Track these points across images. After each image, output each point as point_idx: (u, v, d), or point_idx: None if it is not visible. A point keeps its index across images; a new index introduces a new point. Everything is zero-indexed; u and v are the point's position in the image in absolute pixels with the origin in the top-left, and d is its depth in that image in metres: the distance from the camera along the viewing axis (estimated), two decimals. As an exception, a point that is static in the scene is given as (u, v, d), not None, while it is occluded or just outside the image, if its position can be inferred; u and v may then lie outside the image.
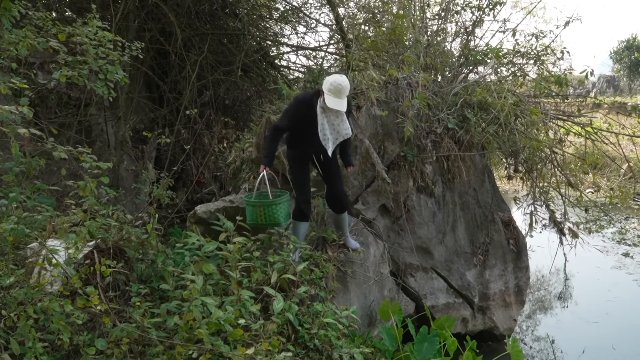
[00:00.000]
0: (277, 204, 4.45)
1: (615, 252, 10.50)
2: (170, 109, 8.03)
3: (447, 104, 5.95)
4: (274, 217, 4.43)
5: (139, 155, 7.63)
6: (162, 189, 4.51)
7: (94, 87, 3.74)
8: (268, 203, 4.43)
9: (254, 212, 4.46)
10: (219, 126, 7.72)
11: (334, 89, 4.32)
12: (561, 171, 6.99)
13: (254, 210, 4.45)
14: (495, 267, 6.33)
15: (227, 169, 6.70)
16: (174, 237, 4.93)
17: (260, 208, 4.41)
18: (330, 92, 4.33)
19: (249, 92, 9.00)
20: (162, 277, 3.94)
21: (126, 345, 3.15)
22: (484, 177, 6.55)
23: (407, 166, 5.69)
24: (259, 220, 4.46)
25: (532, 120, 6.10)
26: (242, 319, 3.47)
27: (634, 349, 6.34)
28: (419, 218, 5.80)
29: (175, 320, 3.29)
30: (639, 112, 7.54)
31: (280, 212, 4.46)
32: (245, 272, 4.14)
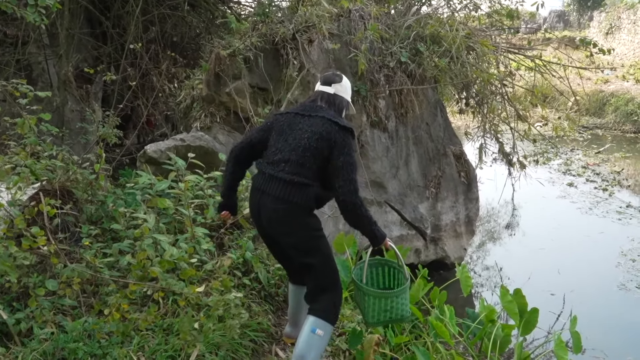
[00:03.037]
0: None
1: (560, 183, 10.96)
2: (115, 46, 7.65)
3: (400, 38, 5.88)
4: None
5: (84, 95, 7.30)
6: (109, 127, 4.35)
7: (24, 15, 3.48)
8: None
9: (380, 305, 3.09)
10: (166, 63, 7.42)
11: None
12: (511, 104, 7.12)
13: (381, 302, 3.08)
14: (447, 199, 6.50)
15: (177, 107, 6.52)
16: (124, 178, 4.81)
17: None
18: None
19: (198, 29, 8.65)
20: (113, 218, 3.88)
21: (78, 285, 3.11)
22: (436, 112, 6.60)
23: (360, 101, 5.66)
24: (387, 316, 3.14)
25: (483, 52, 6.13)
26: (196, 256, 3.47)
27: (577, 272, 6.74)
28: (373, 153, 5.84)
29: (127, 259, 3.27)
30: (586, 45, 7.67)
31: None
32: (199, 209, 4.11)
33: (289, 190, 2.77)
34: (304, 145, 2.80)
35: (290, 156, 2.82)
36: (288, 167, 2.80)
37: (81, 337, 2.86)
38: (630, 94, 17.07)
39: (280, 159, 2.84)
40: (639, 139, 15.38)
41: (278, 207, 2.79)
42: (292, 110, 3.05)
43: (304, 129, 2.85)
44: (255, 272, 3.68)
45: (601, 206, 9.43)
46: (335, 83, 3.10)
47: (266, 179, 2.83)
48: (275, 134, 2.96)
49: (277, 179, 2.78)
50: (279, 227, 2.85)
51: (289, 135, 2.89)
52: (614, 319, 5.74)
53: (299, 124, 2.90)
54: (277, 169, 2.80)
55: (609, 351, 5.08)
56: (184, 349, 2.90)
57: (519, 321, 4.22)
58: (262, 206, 2.85)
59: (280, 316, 3.80)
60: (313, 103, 3.00)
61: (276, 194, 2.78)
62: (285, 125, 2.95)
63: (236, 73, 5.34)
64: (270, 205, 2.81)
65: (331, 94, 3.04)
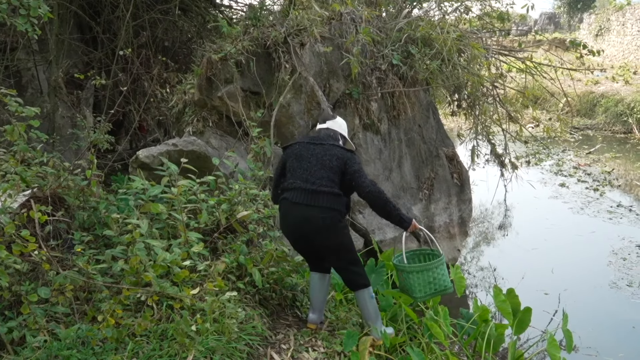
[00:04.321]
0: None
1: (552, 183, 11.02)
2: (106, 52, 7.62)
3: (392, 40, 5.90)
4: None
5: (75, 101, 7.26)
6: (100, 133, 4.33)
7: (15, 24, 3.46)
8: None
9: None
10: (158, 68, 7.40)
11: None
12: (502, 106, 7.16)
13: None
14: (440, 200, 6.52)
15: (169, 112, 6.50)
16: (116, 184, 4.79)
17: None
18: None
19: (189, 34, 8.64)
20: (106, 224, 3.85)
21: (70, 292, 3.09)
22: (428, 113, 6.62)
23: (353, 104, 5.67)
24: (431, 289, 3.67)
25: (475, 55, 6.16)
26: (189, 260, 3.46)
27: (570, 271, 6.77)
28: (366, 155, 5.85)
29: (120, 265, 3.25)
30: (576, 47, 7.73)
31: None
32: (192, 214, 4.10)
33: (332, 199, 3.43)
34: (328, 165, 3.47)
35: (321, 173, 3.45)
36: (325, 181, 3.43)
37: (75, 344, 2.84)
38: (619, 95, 17.20)
39: (314, 176, 3.45)
40: (628, 139, 15.50)
41: (325, 216, 3.41)
42: (301, 140, 3.69)
43: (321, 153, 3.52)
44: (249, 274, 3.67)
45: (592, 206, 9.48)
46: (329, 120, 3.81)
47: (308, 193, 3.42)
48: (294, 160, 3.58)
49: (319, 192, 3.41)
50: (322, 232, 3.44)
51: (310, 158, 3.52)
52: (606, 317, 5.77)
53: (314, 150, 3.55)
54: (317, 184, 3.42)
55: (601, 349, 5.10)
56: (179, 354, 2.88)
57: (512, 320, 4.24)
58: (309, 218, 3.42)
59: (275, 320, 3.80)
60: (318, 135, 3.70)
61: (322, 204, 3.40)
62: (303, 151, 3.57)
63: (228, 77, 5.33)
64: (317, 214, 3.41)
65: (326, 128, 3.74)
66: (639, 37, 20.92)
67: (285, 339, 3.56)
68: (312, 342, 3.62)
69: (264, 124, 5.18)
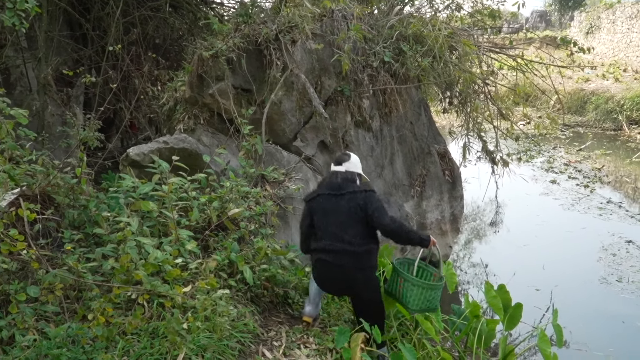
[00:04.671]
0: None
1: (543, 180, 11.09)
2: (96, 49, 7.56)
3: (383, 37, 5.90)
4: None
5: (65, 98, 7.20)
6: (90, 130, 4.29)
7: (2, 19, 3.41)
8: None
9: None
10: (148, 65, 7.35)
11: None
12: (493, 103, 7.17)
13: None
14: (432, 197, 6.53)
15: (160, 110, 6.47)
16: (107, 182, 4.75)
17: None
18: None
19: (180, 31, 8.59)
20: (96, 223, 3.82)
21: (60, 291, 3.07)
22: (420, 111, 6.63)
23: (345, 101, 5.66)
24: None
25: (466, 52, 6.16)
26: (181, 258, 3.45)
27: (561, 267, 6.82)
28: (358, 153, 5.81)
29: (111, 263, 3.22)
30: (567, 45, 7.76)
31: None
32: (183, 212, 4.08)
33: (368, 257, 3.58)
34: (355, 219, 3.56)
35: (354, 231, 3.55)
36: (358, 239, 3.53)
37: (65, 343, 2.83)
38: (609, 93, 17.32)
39: (348, 235, 3.54)
40: (618, 136, 15.61)
41: (363, 275, 3.57)
42: (320, 192, 3.74)
43: (346, 206, 3.58)
44: (241, 271, 3.65)
45: (583, 202, 9.55)
46: (345, 162, 3.83)
47: (346, 255, 3.52)
48: (322, 216, 3.66)
49: (356, 252, 3.52)
50: (358, 290, 3.62)
51: (336, 213, 3.60)
52: (596, 312, 5.82)
53: (338, 202, 3.61)
54: (352, 244, 3.52)
55: (591, 344, 5.15)
56: (169, 352, 2.87)
57: (503, 316, 4.26)
58: (348, 279, 3.59)
59: (267, 317, 3.79)
60: (334, 181, 3.72)
61: (359, 266, 3.55)
62: (326, 205, 3.65)
63: (219, 74, 5.30)
64: (357, 276, 3.56)
65: (343, 172, 3.76)
66: (629, 35, 21.04)
67: (277, 336, 3.55)
68: (304, 339, 3.62)
69: (256, 121, 5.16)
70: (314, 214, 3.69)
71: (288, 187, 4.89)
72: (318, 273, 3.71)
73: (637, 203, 9.71)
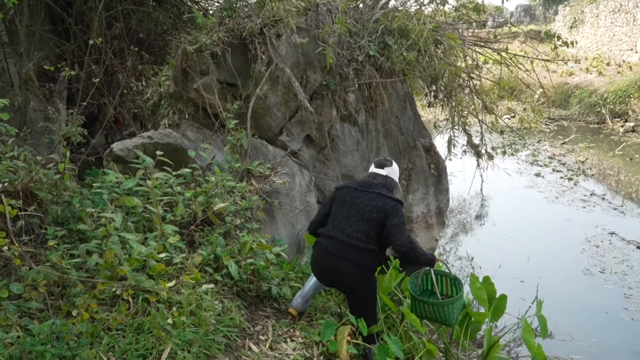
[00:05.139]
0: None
1: (528, 173, 11.19)
2: (78, 44, 7.47)
3: (368, 31, 5.90)
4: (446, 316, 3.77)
5: (48, 94, 7.11)
6: (72, 126, 4.25)
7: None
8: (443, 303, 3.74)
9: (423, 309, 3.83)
10: (132, 60, 7.28)
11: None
12: (478, 97, 7.22)
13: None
14: (418, 191, 6.56)
15: (145, 105, 6.41)
16: (90, 178, 4.71)
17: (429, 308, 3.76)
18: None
19: (165, 25, 8.51)
20: (80, 219, 3.79)
21: (44, 287, 3.04)
22: (405, 105, 6.65)
23: (330, 95, 5.66)
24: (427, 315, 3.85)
25: (450, 45, 6.19)
26: (165, 253, 3.43)
27: (545, 259, 6.90)
28: (344, 147, 5.85)
29: (95, 259, 3.20)
30: (550, 38, 7.82)
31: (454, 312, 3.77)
32: (168, 207, 4.06)
33: (364, 256, 3.50)
34: (367, 217, 3.51)
35: (359, 226, 3.51)
36: (361, 235, 3.49)
37: (49, 339, 2.80)
38: (593, 86, 17.49)
39: (351, 228, 3.52)
40: (602, 129, 15.78)
41: (355, 271, 3.51)
42: (351, 184, 3.76)
43: (364, 203, 3.56)
44: (226, 266, 3.65)
45: (567, 195, 9.66)
46: (387, 167, 3.84)
47: (342, 245, 3.51)
48: (338, 204, 3.68)
49: (353, 246, 3.48)
50: (349, 285, 3.58)
51: (352, 207, 3.59)
52: (580, 303, 5.91)
53: (359, 197, 3.61)
54: (352, 238, 3.49)
55: (575, 334, 5.22)
56: (155, 347, 2.86)
57: (488, 308, 4.30)
58: (338, 269, 3.53)
59: (254, 311, 3.79)
60: (369, 180, 3.74)
61: (353, 259, 3.48)
62: (348, 197, 3.65)
63: (204, 69, 5.27)
64: (347, 268, 3.50)
65: (384, 176, 3.77)
66: (612, 29, 21.25)
67: (264, 330, 3.56)
68: (290, 332, 3.63)
69: (241, 115, 5.14)
70: (334, 203, 3.72)
71: (274, 181, 4.88)
72: (314, 256, 3.72)
73: (619, 195, 9.84)
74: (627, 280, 6.33)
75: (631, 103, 15.57)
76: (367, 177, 3.85)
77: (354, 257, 3.49)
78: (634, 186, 10.43)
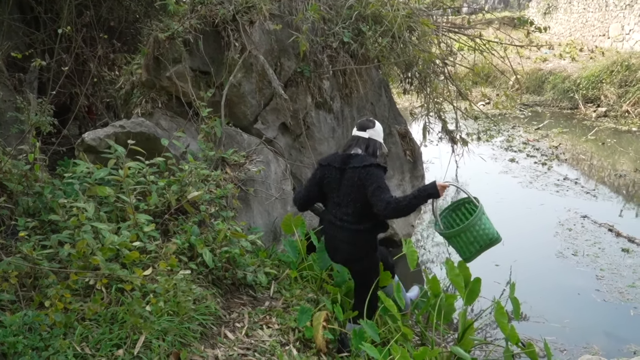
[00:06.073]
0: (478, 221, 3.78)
1: (503, 159, 11.33)
2: (49, 33, 7.31)
3: (342, 18, 5.88)
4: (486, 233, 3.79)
5: (18, 84, 6.96)
6: (42, 115, 4.17)
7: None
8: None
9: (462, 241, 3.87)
10: (104, 48, 7.16)
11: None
12: (452, 82, 7.27)
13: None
14: (394, 177, 6.60)
15: (117, 94, 6.32)
16: (61, 168, 4.63)
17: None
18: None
19: (137, 14, 8.37)
20: (52, 209, 3.74)
21: (15, 279, 3.00)
22: (380, 92, 6.67)
23: (305, 82, 5.65)
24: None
25: (425, 32, 6.21)
26: (139, 242, 3.41)
27: (519, 243, 7.01)
28: (319, 134, 5.86)
29: (67, 249, 3.17)
30: (523, 24, 7.90)
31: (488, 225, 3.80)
32: (141, 196, 4.03)
33: (356, 236, 3.65)
34: (353, 198, 3.58)
35: (348, 210, 3.61)
36: (351, 217, 3.61)
37: (21, 330, 2.77)
38: (566, 72, 17.73)
39: (341, 212, 3.65)
40: (575, 114, 16.03)
41: (352, 250, 3.71)
42: (331, 162, 3.75)
43: (345, 184, 3.61)
44: (201, 254, 3.64)
45: (540, 180, 9.82)
46: (370, 129, 3.81)
47: (337, 228, 3.68)
48: (328, 190, 3.75)
49: (346, 228, 3.63)
50: (351, 260, 3.80)
51: (337, 191, 3.67)
52: (554, 285, 6.03)
53: (340, 179, 3.65)
54: (344, 221, 3.63)
55: (549, 316, 5.34)
56: (129, 337, 2.85)
57: (463, 291, 4.38)
58: (337, 248, 3.78)
59: (230, 299, 3.79)
60: (349, 148, 3.75)
61: (348, 240, 3.66)
62: (332, 181, 3.69)
63: (176, 57, 5.21)
64: (345, 248, 3.72)
65: (366, 138, 3.75)
66: (585, 15, 21.53)
67: (240, 317, 3.57)
68: (266, 319, 3.64)
69: (215, 104, 5.10)
70: (324, 180, 3.75)
71: (249, 169, 4.87)
72: (324, 236, 3.97)
73: (592, 179, 10.03)
74: (599, 263, 6.48)
75: (603, 88, 15.83)
76: (348, 141, 3.85)
77: (348, 238, 3.65)
78: (606, 170, 10.65)
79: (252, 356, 3.16)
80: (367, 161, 3.58)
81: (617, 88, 15.49)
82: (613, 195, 9.13)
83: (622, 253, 6.71)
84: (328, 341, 3.55)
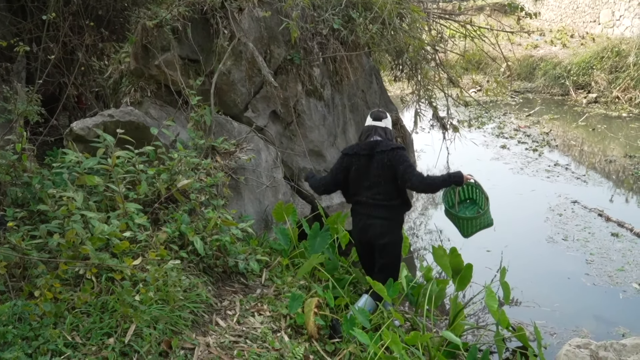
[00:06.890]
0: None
1: (494, 146, 11.36)
2: (36, 22, 7.22)
3: (332, 4, 5.85)
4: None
5: (4, 74, 6.88)
6: (29, 104, 4.13)
7: None
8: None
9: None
10: (92, 37, 7.08)
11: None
12: (444, 70, 7.26)
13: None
14: (385, 165, 6.60)
15: (106, 83, 6.26)
16: (50, 158, 4.60)
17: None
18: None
19: (125, 2, 8.27)
20: (41, 199, 3.71)
21: (4, 269, 2.99)
22: (371, 79, 6.65)
23: (295, 70, 5.62)
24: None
25: (415, 18, 6.18)
26: (129, 231, 3.40)
27: (511, 228, 7.04)
28: (310, 122, 5.84)
29: (56, 239, 3.15)
30: (514, 10, 7.89)
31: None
32: (131, 185, 4.01)
33: (389, 211, 4.12)
34: (384, 179, 4.04)
35: (379, 189, 4.06)
36: (384, 196, 4.07)
37: (10, 320, 2.76)
38: (557, 58, 17.74)
39: (372, 192, 4.09)
40: (566, 101, 16.07)
41: (384, 224, 4.11)
42: (357, 151, 4.16)
43: (376, 167, 4.05)
44: (192, 242, 3.63)
45: (532, 166, 9.85)
46: (384, 119, 4.29)
47: (371, 206, 4.10)
48: (356, 173, 4.15)
49: (380, 205, 4.08)
50: (381, 237, 4.13)
51: (369, 175, 4.09)
52: (544, 270, 6.07)
53: (370, 165, 4.08)
54: (377, 200, 4.07)
55: (539, 300, 5.38)
56: (120, 326, 2.85)
57: (455, 278, 4.40)
58: (369, 225, 4.14)
59: (221, 287, 3.80)
60: (369, 137, 4.19)
61: (383, 215, 4.10)
62: (361, 167, 4.12)
63: (165, 45, 5.16)
64: (378, 223, 4.11)
65: (383, 127, 4.24)
66: (576, 1, 21.51)
67: (231, 305, 3.57)
68: (258, 306, 3.65)
69: (205, 92, 5.07)
70: (350, 169, 4.16)
71: (239, 157, 4.86)
72: (353, 220, 4.31)
73: (583, 165, 10.07)
74: (589, 247, 6.52)
75: (594, 74, 15.85)
76: (366, 131, 4.26)
77: (382, 214, 4.08)
78: (596, 156, 10.69)
79: (244, 343, 3.17)
80: (393, 145, 4.09)
81: (608, 74, 15.52)
82: (603, 180, 9.18)
83: (612, 237, 6.77)
84: (319, 327, 3.56)
